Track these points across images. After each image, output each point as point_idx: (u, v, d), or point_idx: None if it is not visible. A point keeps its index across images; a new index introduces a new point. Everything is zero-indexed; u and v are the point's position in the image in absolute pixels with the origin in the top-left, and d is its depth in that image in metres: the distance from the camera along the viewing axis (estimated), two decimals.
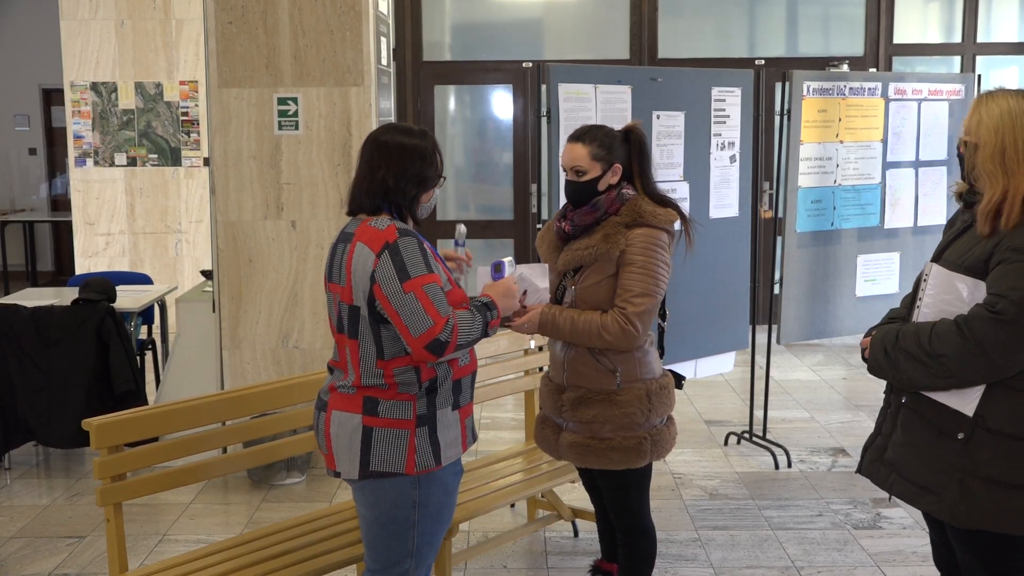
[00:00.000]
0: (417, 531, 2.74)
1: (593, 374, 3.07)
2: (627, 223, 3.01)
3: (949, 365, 2.49)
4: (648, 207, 3.03)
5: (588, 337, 3.01)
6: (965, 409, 2.54)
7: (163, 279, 8.47)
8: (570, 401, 3.11)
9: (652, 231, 3.01)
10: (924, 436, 2.62)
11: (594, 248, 3.02)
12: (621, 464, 3.07)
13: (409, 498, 2.71)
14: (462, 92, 9.17)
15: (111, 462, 3.09)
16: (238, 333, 5.11)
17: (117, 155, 8.69)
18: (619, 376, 3.05)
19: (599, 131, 3.09)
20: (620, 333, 2.96)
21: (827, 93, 5.36)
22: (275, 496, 4.96)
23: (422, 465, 2.68)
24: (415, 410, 2.67)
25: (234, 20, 4.95)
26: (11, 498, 4.99)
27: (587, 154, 3.06)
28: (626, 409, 3.04)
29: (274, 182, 5.03)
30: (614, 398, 3.05)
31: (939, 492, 2.58)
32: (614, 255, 2.99)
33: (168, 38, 8.56)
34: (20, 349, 5.09)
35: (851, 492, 4.99)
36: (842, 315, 5.60)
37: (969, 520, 2.55)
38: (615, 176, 3.07)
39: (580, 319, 3.01)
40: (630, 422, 3.05)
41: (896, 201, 5.70)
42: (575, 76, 4.66)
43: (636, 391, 3.06)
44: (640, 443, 3.06)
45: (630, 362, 3.06)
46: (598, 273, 3.02)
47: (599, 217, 3.05)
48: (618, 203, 3.05)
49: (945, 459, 2.57)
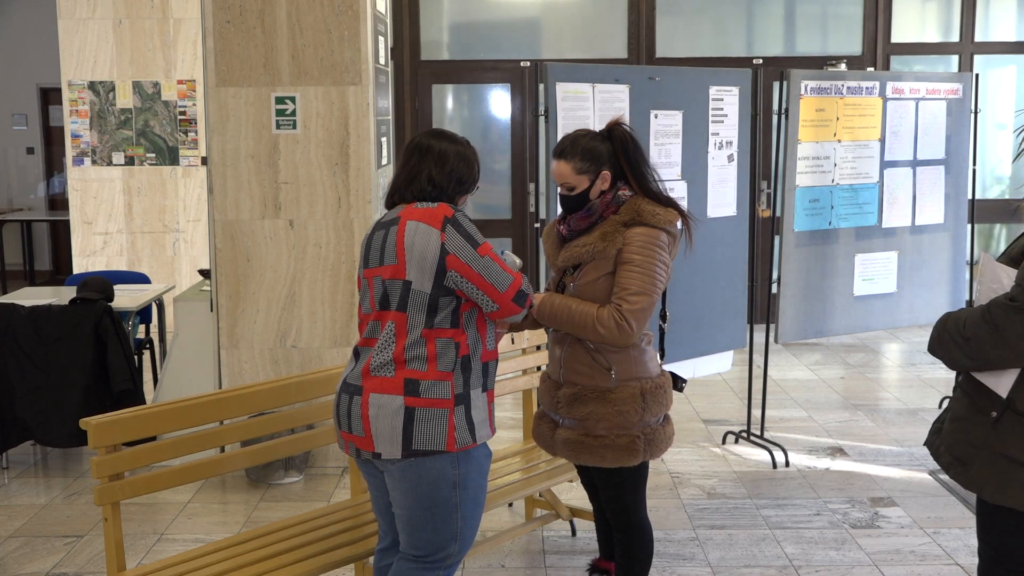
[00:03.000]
0: (460, 513, 2.84)
1: (588, 371, 3.08)
2: (626, 222, 3.02)
3: (975, 348, 2.61)
4: (648, 207, 3.03)
5: (583, 328, 3.01)
6: (999, 389, 2.63)
7: (161, 278, 8.46)
8: (566, 398, 3.12)
9: (651, 230, 3.00)
10: (964, 411, 2.74)
11: (591, 246, 3.03)
12: (614, 462, 3.07)
13: (450, 478, 2.81)
14: (460, 91, 9.17)
15: (109, 461, 3.09)
16: (236, 332, 5.11)
17: (115, 154, 8.69)
18: (614, 374, 3.05)
19: (579, 143, 3.08)
20: (614, 328, 2.96)
21: (825, 92, 5.36)
22: (273, 495, 4.96)
23: (461, 442, 2.80)
24: (453, 389, 2.79)
25: (232, 19, 4.94)
26: (9, 497, 4.99)
27: (571, 170, 3.07)
28: (620, 407, 3.05)
29: (272, 181, 5.03)
30: (608, 396, 3.06)
31: (968, 464, 2.69)
32: (611, 253, 3.00)
33: (166, 37, 8.56)
34: (18, 348, 5.08)
35: (849, 491, 4.99)
36: (840, 314, 5.60)
37: (993, 494, 2.65)
38: (605, 183, 3.07)
39: (577, 308, 3.01)
40: (624, 420, 3.05)
41: (894, 200, 5.71)
42: (573, 75, 4.66)
43: (631, 389, 3.06)
44: (633, 442, 3.06)
45: (625, 360, 3.07)
46: (595, 270, 3.03)
47: (594, 220, 3.07)
48: (614, 205, 3.06)
49: (978, 434, 2.67)
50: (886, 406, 6.49)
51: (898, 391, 6.86)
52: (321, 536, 3.47)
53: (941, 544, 4.37)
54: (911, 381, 7.12)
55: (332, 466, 5.26)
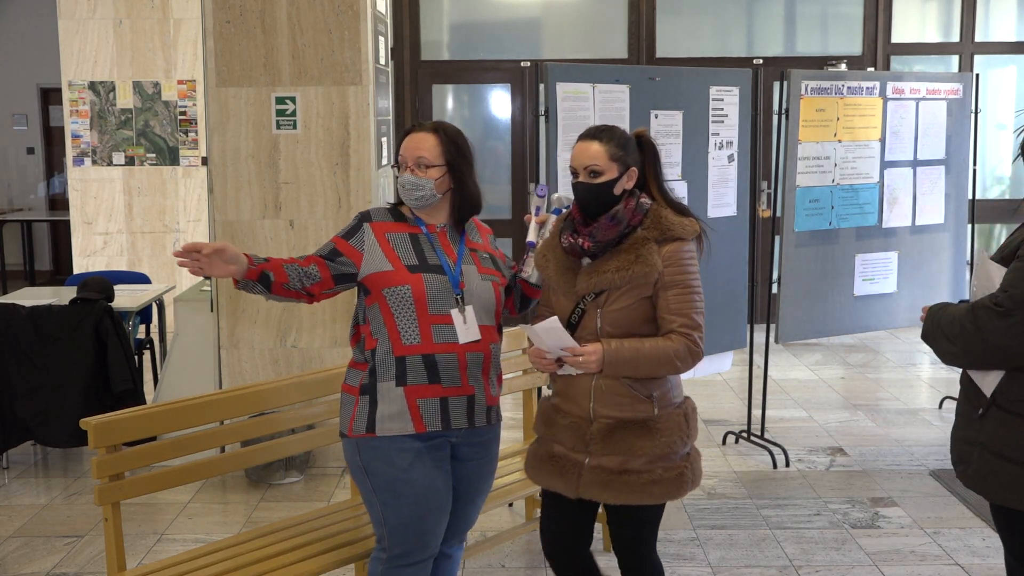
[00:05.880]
0: (379, 499, 2.90)
1: (628, 402, 2.78)
2: (656, 238, 2.77)
3: (961, 347, 2.61)
4: (672, 217, 2.81)
5: (658, 366, 2.74)
6: (985, 389, 2.64)
7: (161, 278, 8.46)
8: (600, 433, 2.80)
9: (684, 244, 2.80)
10: (962, 408, 2.75)
11: (628, 270, 2.74)
12: (662, 497, 2.81)
13: (356, 462, 2.91)
14: (460, 91, 9.16)
15: (109, 461, 3.09)
16: (236, 332, 5.11)
17: (115, 154, 8.69)
18: (656, 402, 2.79)
19: (616, 130, 2.85)
20: (689, 357, 2.74)
21: (825, 92, 5.36)
22: (273, 495, 4.96)
23: (356, 430, 2.88)
24: (361, 379, 2.90)
25: (232, 19, 4.94)
26: (9, 497, 4.99)
27: (605, 153, 2.79)
28: (666, 437, 2.79)
29: (272, 181, 5.03)
30: (652, 426, 2.79)
31: (967, 462, 2.69)
32: (652, 277, 2.74)
33: (166, 37, 8.56)
34: (18, 348, 5.08)
35: (849, 491, 4.99)
36: (840, 314, 5.60)
37: (988, 492, 2.66)
38: (631, 181, 2.83)
39: (645, 348, 2.73)
40: (670, 451, 2.80)
41: (894, 200, 5.71)
42: (573, 75, 4.66)
43: (674, 417, 2.82)
44: (681, 473, 2.82)
45: (664, 386, 2.82)
46: (631, 296, 2.75)
47: (623, 231, 2.79)
48: (639, 213, 2.80)
49: (970, 431, 2.69)
50: (886, 406, 6.49)
51: (898, 391, 6.86)
52: (321, 536, 3.47)
53: (941, 544, 4.37)
54: (911, 381, 7.12)
55: (332, 466, 5.26)
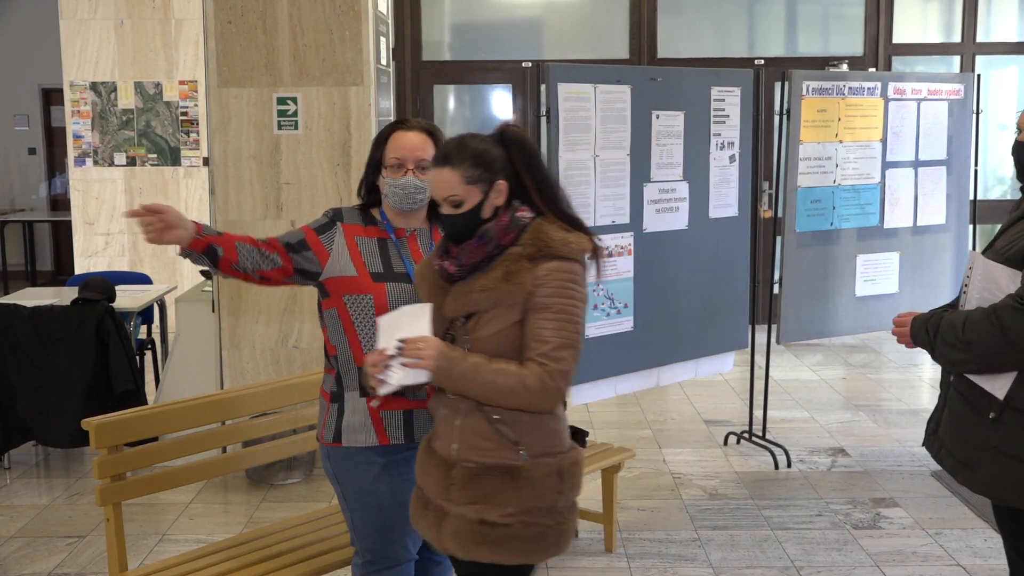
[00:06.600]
0: (347, 505, 2.88)
1: (492, 447, 2.37)
2: (532, 255, 2.33)
3: (979, 352, 2.56)
4: (556, 234, 2.35)
5: (503, 393, 2.31)
6: (997, 392, 2.60)
7: (163, 279, 8.46)
8: (461, 479, 2.39)
9: (565, 264, 2.33)
10: (963, 413, 2.71)
11: (493, 290, 2.34)
12: (518, 557, 2.39)
13: (328, 467, 2.89)
14: (461, 92, 9.17)
15: (111, 462, 3.09)
16: (237, 333, 5.11)
17: (116, 155, 8.69)
18: (523, 450, 2.37)
19: (468, 146, 2.39)
20: (541, 392, 2.30)
21: (826, 93, 5.36)
22: (275, 496, 4.96)
23: (326, 437, 2.85)
24: (332, 385, 2.87)
25: (233, 20, 4.94)
26: (11, 497, 4.99)
27: (459, 178, 2.36)
28: (532, 490, 2.37)
29: (274, 182, 5.03)
30: (518, 475, 2.36)
31: (974, 467, 2.66)
32: (519, 298, 2.32)
33: (167, 38, 8.56)
34: (19, 349, 5.08)
35: (851, 492, 4.99)
36: (842, 315, 5.60)
37: (1000, 496, 2.63)
38: (500, 196, 2.39)
39: (492, 366, 2.31)
40: (535, 506, 2.37)
41: (895, 201, 5.70)
42: (574, 76, 4.65)
43: (545, 467, 2.38)
44: (543, 533, 2.38)
45: (536, 431, 2.38)
46: (500, 320, 2.34)
47: (491, 252, 2.38)
48: (513, 231, 2.37)
49: (980, 437, 2.65)
50: (888, 407, 6.49)
51: (900, 392, 6.85)
52: (323, 537, 3.47)
53: (943, 545, 4.36)
54: (913, 382, 7.12)
55: None
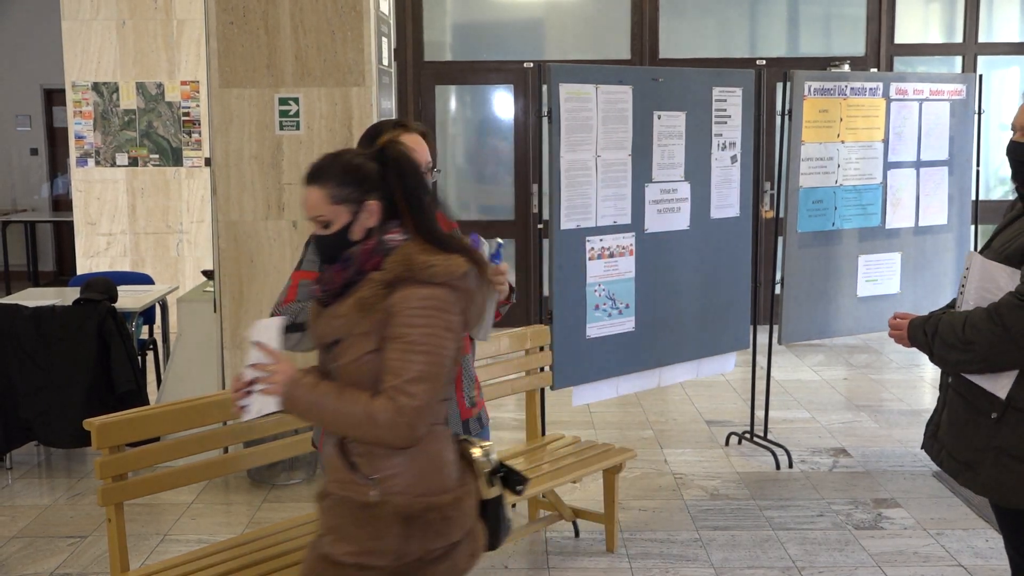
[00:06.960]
0: None
1: (346, 479, 2.25)
2: (389, 280, 2.18)
3: (980, 351, 2.55)
4: (421, 257, 2.19)
5: (351, 423, 2.18)
6: (998, 392, 2.60)
7: (164, 279, 8.47)
8: (322, 509, 2.32)
9: (424, 290, 2.17)
10: (964, 414, 2.70)
11: (344, 317, 2.22)
12: None
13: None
14: (463, 92, 9.17)
15: (112, 462, 3.09)
16: (239, 333, 5.11)
17: (118, 155, 8.70)
18: (375, 487, 2.22)
19: (336, 164, 2.26)
20: (390, 427, 2.14)
21: (828, 93, 5.36)
22: (276, 496, 4.97)
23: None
24: None
25: (235, 20, 4.95)
26: (12, 498, 5.00)
27: (325, 198, 2.23)
28: (374, 531, 2.21)
29: (275, 182, 5.03)
30: (362, 513, 2.22)
31: (976, 468, 2.65)
32: (370, 327, 2.19)
33: (169, 38, 8.57)
34: (21, 349, 5.09)
35: (852, 492, 4.99)
36: (843, 315, 5.60)
37: (1003, 497, 2.63)
38: (372, 217, 2.24)
39: (343, 395, 2.19)
40: (373, 548, 2.21)
41: (897, 201, 5.70)
42: (576, 76, 4.66)
43: (391, 508, 2.21)
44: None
45: (404, 468, 2.23)
46: (357, 348, 2.21)
47: (351, 277, 2.24)
48: (378, 255, 2.23)
49: (981, 437, 2.64)
50: (889, 407, 6.49)
51: (901, 392, 6.85)
52: None
53: (944, 545, 4.36)
54: (914, 382, 7.12)
55: None
